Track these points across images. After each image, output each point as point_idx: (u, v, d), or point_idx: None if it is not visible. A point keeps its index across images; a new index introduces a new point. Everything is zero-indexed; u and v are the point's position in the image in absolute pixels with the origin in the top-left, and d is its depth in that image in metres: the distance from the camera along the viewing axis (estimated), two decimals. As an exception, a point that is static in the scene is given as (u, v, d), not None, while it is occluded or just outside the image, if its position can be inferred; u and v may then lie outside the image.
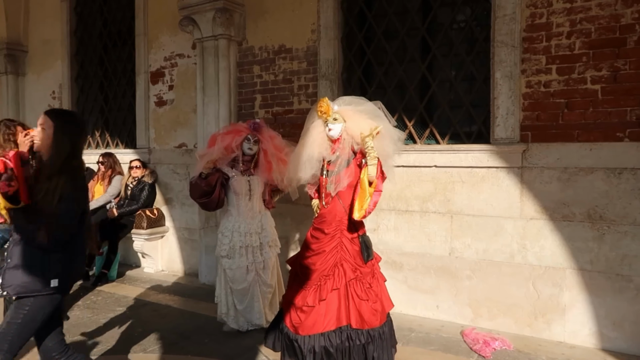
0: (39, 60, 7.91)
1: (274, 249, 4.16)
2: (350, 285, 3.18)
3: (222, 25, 5.35)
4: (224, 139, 4.01)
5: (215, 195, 3.95)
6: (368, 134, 3.09)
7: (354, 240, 3.28)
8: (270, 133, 4.16)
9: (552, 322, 3.93)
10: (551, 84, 3.90)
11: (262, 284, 4.07)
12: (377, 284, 3.30)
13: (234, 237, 3.99)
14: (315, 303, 3.20)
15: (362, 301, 3.16)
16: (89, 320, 4.48)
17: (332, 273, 3.22)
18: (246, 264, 3.99)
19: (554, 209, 3.92)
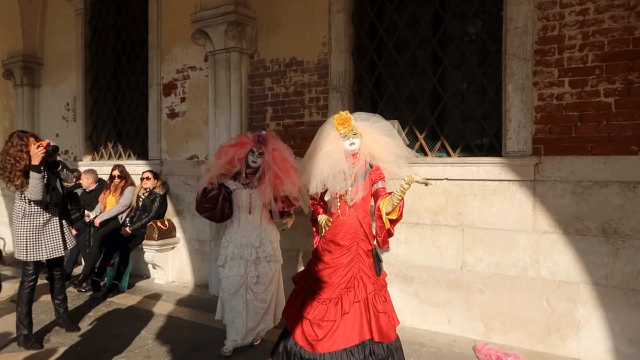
0: (54, 73, 8.03)
1: (273, 264, 4.00)
2: (370, 298, 3.18)
3: (234, 38, 5.40)
4: (227, 152, 3.96)
5: (218, 210, 3.92)
6: (419, 180, 3.13)
7: (368, 253, 3.29)
8: (276, 145, 4.01)
9: (566, 338, 3.86)
10: (564, 96, 3.87)
11: (255, 298, 3.94)
12: (389, 297, 3.32)
13: (229, 247, 3.98)
14: (338, 317, 3.18)
15: (380, 314, 3.18)
16: (99, 332, 4.49)
17: (353, 286, 3.21)
18: (237, 276, 3.91)
19: (567, 222, 3.87)
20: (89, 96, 7.60)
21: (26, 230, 4.06)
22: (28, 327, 4.14)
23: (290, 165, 3.87)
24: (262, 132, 4.03)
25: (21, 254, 4.08)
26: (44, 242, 4.12)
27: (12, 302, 5.41)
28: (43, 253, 4.12)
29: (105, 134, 7.48)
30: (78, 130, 7.64)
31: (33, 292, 4.20)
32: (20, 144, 3.98)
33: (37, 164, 3.93)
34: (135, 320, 4.83)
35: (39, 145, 3.96)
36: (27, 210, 4.06)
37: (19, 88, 8.17)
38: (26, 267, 4.13)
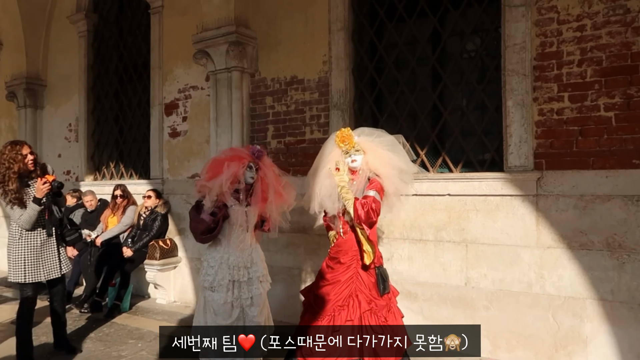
0: (57, 94, 8.10)
1: (264, 284, 3.75)
2: (364, 318, 3.13)
3: (235, 58, 5.46)
4: (229, 166, 3.62)
5: (217, 231, 3.62)
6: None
7: (370, 271, 3.25)
8: (269, 161, 3.82)
9: (573, 355, 3.81)
10: (564, 111, 3.89)
11: (249, 321, 3.68)
12: (393, 319, 3.23)
13: (221, 269, 3.63)
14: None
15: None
16: (101, 353, 4.44)
17: (347, 304, 3.17)
18: (231, 300, 3.63)
19: (571, 237, 3.85)
20: (91, 117, 7.65)
21: (23, 251, 4.00)
22: (28, 349, 4.08)
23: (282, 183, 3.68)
24: (257, 146, 3.81)
25: (18, 276, 3.99)
26: (41, 263, 4.06)
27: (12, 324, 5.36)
28: (41, 274, 4.06)
29: (107, 154, 7.51)
30: (80, 150, 7.67)
31: (32, 313, 4.13)
32: (15, 150, 4.00)
33: (39, 197, 3.95)
34: (137, 341, 4.79)
35: (45, 181, 3.98)
36: (23, 232, 4.01)
37: (22, 109, 8.23)
38: (24, 289, 4.05)
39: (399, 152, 3.34)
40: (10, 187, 3.91)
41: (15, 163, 3.95)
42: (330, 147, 3.44)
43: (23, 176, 4.01)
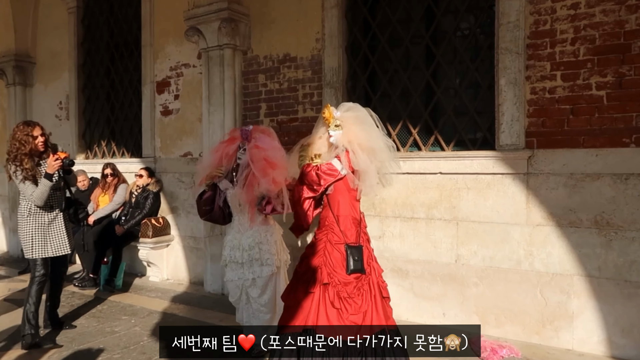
0: (47, 72, 7.99)
1: (266, 267, 3.76)
2: (323, 290, 3.17)
3: (227, 35, 5.40)
4: (217, 150, 3.84)
5: (217, 211, 3.84)
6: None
7: (337, 246, 3.25)
8: (260, 142, 3.74)
9: (560, 330, 3.89)
10: (556, 90, 3.90)
11: (253, 301, 3.81)
12: (364, 298, 3.19)
13: (226, 249, 3.88)
14: (291, 303, 3.29)
15: (334, 309, 3.13)
16: (94, 329, 4.48)
17: (311, 277, 3.24)
18: (235, 279, 3.82)
19: (560, 215, 3.90)
20: (82, 95, 7.56)
21: (32, 228, 4.07)
22: (35, 326, 4.04)
23: (267, 164, 3.62)
24: (248, 127, 3.85)
25: (28, 251, 4.08)
26: (49, 239, 4.12)
27: (6, 301, 5.39)
28: (49, 250, 4.11)
29: (99, 133, 7.45)
30: (71, 128, 7.60)
31: (42, 289, 4.15)
32: (27, 129, 4.06)
33: (50, 173, 4.00)
34: (130, 317, 4.82)
35: (57, 158, 4.02)
36: (32, 209, 4.08)
37: (11, 87, 8.11)
38: (36, 263, 4.09)
39: (368, 124, 3.37)
40: (25, 166, 3.98)
41: (27, 144, 4.00)
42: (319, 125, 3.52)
43: (34, 156, 4.07)
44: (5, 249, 8.50)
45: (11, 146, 4.04)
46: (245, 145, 3.75)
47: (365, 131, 3.32)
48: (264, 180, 3.59)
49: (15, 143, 4.01)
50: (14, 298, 5.49)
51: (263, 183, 3.60)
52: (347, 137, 3.33)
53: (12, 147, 4.04)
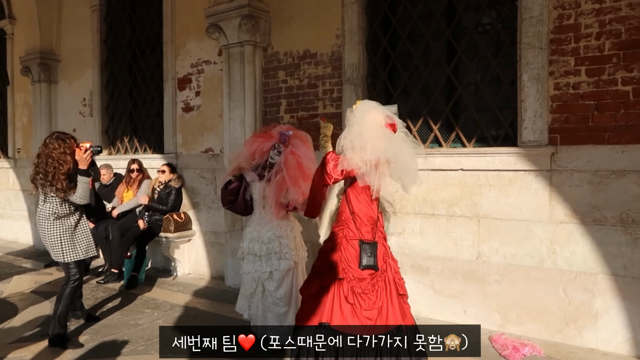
0: (71, 69, 8.14)
1: (285, 261, 3.81)
2: (337, 285, 3.19)
3: (247, 32, 5.43)
4: (252, 143, 3.93)
5: (239, 202, 3.91)
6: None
7: (351, 242, 3.26)
8: (297, 149, 3.81)
9: (583, 329, 3.84)
10: (580, 85, 3.84)
11: (269, 295, 3.85)
12: (378, 294, 3.19)
13: (244, 241, 3.93)
14: (307, 298, 3.33)
15: (348, 304, 3.14)
16: (118, 322, 4.57)
17: (326, 271, 3.25)
18: (252, 271, 3.87)
19: (584, 212, 3.84)
20: (105, 91, 7.69)
21: (60, 232, 3.96)
22: (65, 327, 4.06)
23: (300, 175, 3.69)
24: (289, 131, 3.89)
25: (59, 256, 4.00)
26: (77, 242, 4.05)
27: (33, 293, 5.54)
28: (80, 253, 4.05)
29: (122, 129, 7.57)
30: (95, 125, 7.74)
31: (75, 292, 4.17)
32: (63, 147, 3.92)
33: (85, 169, 3.93)
34: (153, 310, 4.92)
35: (86, 149, 3.94)
36: (59, 212, 3.96)
37: (36, 84, 8.29)
38: (69, 267, 4.03)
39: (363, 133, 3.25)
40: (57, 186, 3.87)
41: (66, 164, 3.89)
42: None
43: (72, 176, 3.95)
44: (31, 242, 8.72)
45: (47, 165, 3.86)
46: (281, 148, 3.81)
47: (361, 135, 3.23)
48: (293, 190, 3.66)
49: (52, 163, 3.85)
50: (41, 290, 5.64)
51: (292, 192, 3.67)
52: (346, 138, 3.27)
53: (48, 167, 3.85)
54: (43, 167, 3.89)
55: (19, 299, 5.29)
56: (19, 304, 5.10)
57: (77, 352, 3.85)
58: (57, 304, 4.05)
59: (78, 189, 3.93)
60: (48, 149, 3.92)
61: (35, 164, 3.97)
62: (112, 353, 3.83)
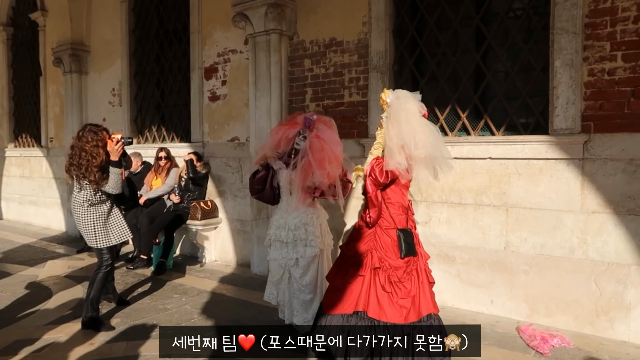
0: (101, 59, 8.29)
1: (310, 248, 3.79)
2: (374, 274, 3.20)
3: (273, 20, 5.43)
4: (277, 132, 3.94)
5: (267, 190, 3.94)
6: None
7: (388, 231, 3.27)
8: (322, 133, 3.76)
9: (615, 321, 3.76)
10: (616, 71, 3.72)
11: (295, 281, 3.86)
12: (414, 282, 3.22)
13: (271, 228, 3.95)
14: (341, 286, 3.32)
15: (385, 293, 3.16)
16: (148, 306, 4.68)
17: (361, 260, 3.26)
18: (278, 258, 3.89)
19: (618, 202, 3.74)
20: (133, 81, 7.82)
21: (94, 219, 4.06)
22: (97, 310, 4.18)
23: (325, 157, 3.65)
24: (312, 116, 3.89)
25: (92, 241, 4.11)
26: (110, 228, 4.15)
27: (66, 277, 5.71)
28: (112, 239, 4.15)
29: (150, 118, 7.69)
30: (124, 114, 7.88)
31: (108, 277, 4.27)
32: (96, 140, 4.00)
33: (117, 160, 4.03)
34: (181, 295, 5.01)
35: (117, 141, 4.03)
36: (93, 200, 4.05)
37: (67, 75, 8.47)
38: (102, 252, 4.14)
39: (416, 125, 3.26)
40: (90, 179, 3.98)
41: (98, 157, 3.98)
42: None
43: (104, 168, 4.04)
44: (64, 229, 8.97)
45: (81, 158, 3.96)
46: (306, 133, 3.81)
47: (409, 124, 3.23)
48: (319, 172, 3.64)
49: (86, 156, 3.95)
50: (74, 275, 5.81)
51: (317, 175, 3.65)
52: (389, 133, 3.29)
53: (82, 160, 3.95)
54: (77, 160, 4.00)
55: (53, 283, 5.46)
56: (53, 288, 5.27)
57: (109, 334, 3.95)
58: (89, 288, 4.17)
59: (110, 179, 4.03)
60: (81, 142, 4.01)
61: (70, 155, 4.08)
62: (142, 336, 3.91)
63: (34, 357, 3.53)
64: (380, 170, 3.26)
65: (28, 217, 10.03)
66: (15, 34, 10.40)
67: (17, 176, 10.40)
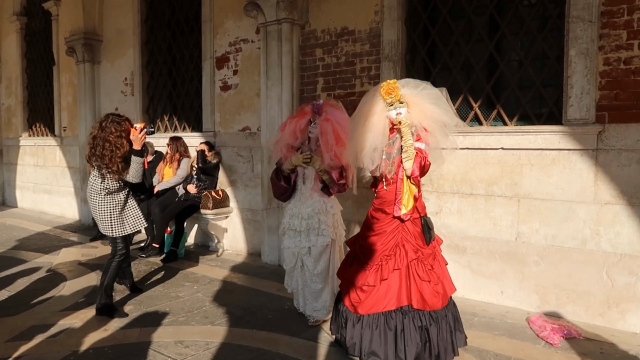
0: (113, 49, 8.33)
1: (322, 237, 3.82)
2: (411, 266, 3.19)
3: (285, 9, 5.41)
4: (289, 124, 3.95)
5: (291, 187, 3.96)
6: (404, 126, 3.16)
7: (415, 221, 3.27)
8: (331, 115, 3.83)
9: (627, 312, 3.74)
10: (632, 60, 3.66)
11: (307, 270, 3.90)
12: (438, 266, 3.29)
13: (285, 217, 3.99)
14: (377, 282, 3.23)
15: (423, 282, 3.17)
16: (160, 294, 4.74)
17: (394, 253, 3.23)
18: (292, 246, 3.93)
19: (632, 193, 3.70)
20: (145, 71, 7.85)
21: (110, 208, 4.08)
22: (111, 297, 4.23)
23: (334, 137, 3.73)
24: (319, 101, 3.95)
25: (107, 230, 4.13)
26: (126, 218, 4.17)
27: (80, 265, 5.79)
28: (127, 228, 4.17)
29: (162, 107, 7.74)
30: (136, 104, 7.93)
31: (121, 265, 4.29)
32: (119, 130, 4.00)
33: (139, 149, 4.04)
34: (192, 284, 5.07)
35: (141, 129, 4.03)
36: (111, 188, 4.07)
37: (80, 64, 8.53)
38: (116, 241, 4.16)
39: (442, 105, 3.23)
40: (113, 169, 4.00)
41: (122, 148, 3.99)
42: (371, 101, 3.33)
43: (127, 158, 4.05)
44: (77, 217, 9.09)
45: (104, 149, 3.95)
46: (317, 119, 3.85)
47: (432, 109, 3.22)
48: (327, 155, 3.70)
49: (109, 147, 3.95)
50: (88, 262, 5.89)
51: (326, 157, 3.72)
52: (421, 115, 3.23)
53: (105, 151, 3.94)
54: (100, 150, 3.98)
55: (67, 270, 5.55)
56: (68, 275, 5.35)
57: (123, 320, 4.01)
58: (103, 276, 4.21)
59: (131, 168, 4.04)
60: (105, 133, 3.99)
61: (91, 146, 4.05)
62: (155, 323, 3.98)
63: (50, 342, 3.60)
64: (428, 163, 3.24)
65: (42, 205, 10.17)
66: (28, 23, 10.47)
67: (32, 165, 10.54)
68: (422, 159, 3.17)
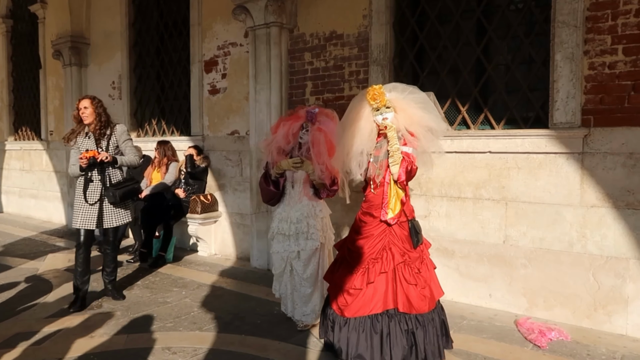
0: (100, 52, 8.26)
1: (311, 241, 3.81)
2: (398, 269, 3.19)
3: (274, 13, 5.41)
4: (283, 126, 3.92)
5: (280, 195, 3.96)
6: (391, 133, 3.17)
7: (402, 224, 3.27)
8: (324, 126, 3.81)
9: (613, 314, 3.77)
10: (617, 65, 3.71)
11: (296, 274, 3.89)
12: (426, 270, 3.28)
13: (274, 221, 3.98)
14: (363, 286, 3.23)
15: (410, 285, 3.16)
16: (147, 299, 4.69)
17: (381, 257, 3.23)
18: (281, 251, 3.91)
19: (617, 196, 3.74)
20: (133, 74, 7.80)
21: (74, 200, 4.55)
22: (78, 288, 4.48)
23: (325, 150, 3.71)
24: (315, 109, 3.90)
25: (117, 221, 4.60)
26: (79, 212, 4.45)
27: (67, 271, 5.72)
28: (77, 222, 4.47)
29: (150, 111, 7.69)
30: (124, 107, 7.87)
31: (81, 257, 4.53)
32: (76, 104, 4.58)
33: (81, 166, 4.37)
34: (180, 289, 5.03)
35: (92, 156, 4.32)
36: (76, 182, 4.55)
37: (67, 68, 8.45)
38: (77, 235, 4.57)
39: (429, 109, 3.25)
40: (70, 137, 4.55)
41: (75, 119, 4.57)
42: (359, 105, 3.34)
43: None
44: (64, 222, 8.99)
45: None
46: (309, 126, 3.84)
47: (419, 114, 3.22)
48: (318, 166, 3.70)
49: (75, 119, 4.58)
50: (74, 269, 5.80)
51: (317, 168, 3.71)
52: (408, 120, 3.23)
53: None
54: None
55: (53, 276, 5.48)
56: (54, 281, 5.28)
57: (109, 327, 3.97)
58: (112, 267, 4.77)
59: (70, 166, 4.54)
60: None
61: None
62: (142, 329, 3.93)
63: (34, 350, 3.54)
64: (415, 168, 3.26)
65: (28, 210, 10.06)
66: (14, 26, 10.39)
67: (17, 169, 10.42)
68: (408, 164, 3.18)
